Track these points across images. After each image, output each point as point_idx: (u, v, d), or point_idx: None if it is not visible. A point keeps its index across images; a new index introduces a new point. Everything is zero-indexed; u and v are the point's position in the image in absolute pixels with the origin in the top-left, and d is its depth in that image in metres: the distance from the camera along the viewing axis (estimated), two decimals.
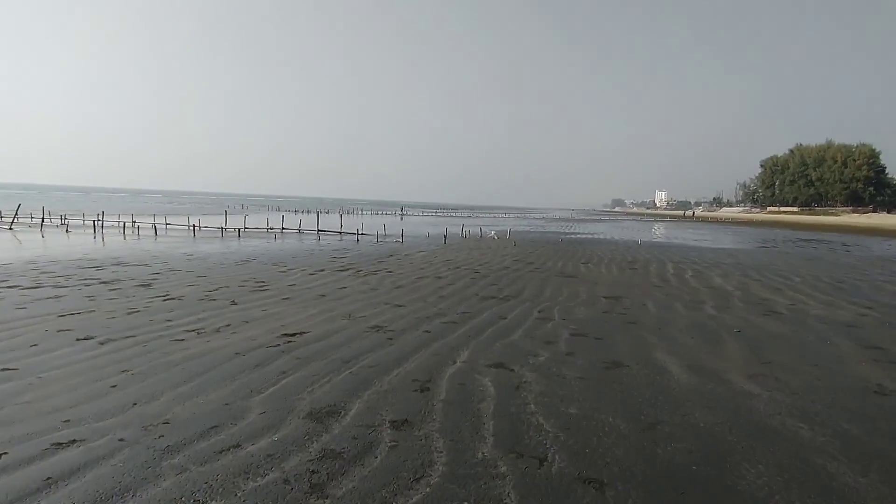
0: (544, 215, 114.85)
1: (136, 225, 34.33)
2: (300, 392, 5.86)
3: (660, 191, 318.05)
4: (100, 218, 33.53)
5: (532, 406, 5.58)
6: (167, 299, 11.06)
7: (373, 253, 22.06)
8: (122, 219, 37.13)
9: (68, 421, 5.03)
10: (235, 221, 38.65)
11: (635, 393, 6.08)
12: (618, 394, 6.04)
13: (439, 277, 15.05)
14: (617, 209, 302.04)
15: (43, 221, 34.37)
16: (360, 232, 33.44)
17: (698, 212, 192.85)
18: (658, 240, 37.55)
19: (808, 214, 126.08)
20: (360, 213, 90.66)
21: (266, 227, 36.99)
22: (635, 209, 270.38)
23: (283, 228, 35.86)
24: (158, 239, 27.99)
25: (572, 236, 39.39)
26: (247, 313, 9.89)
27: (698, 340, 8.66)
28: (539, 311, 10.69)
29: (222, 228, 32.51)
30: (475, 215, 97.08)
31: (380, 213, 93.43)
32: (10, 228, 32.15)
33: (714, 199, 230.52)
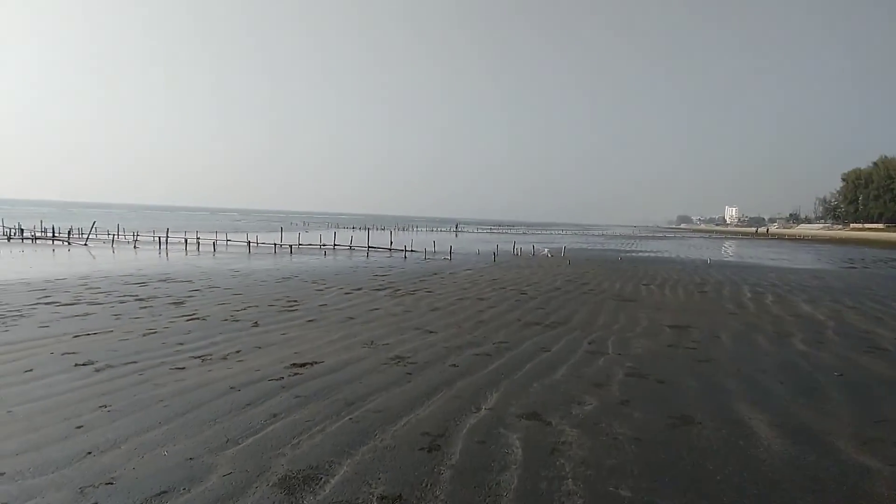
0: (604, 232, 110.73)
1: (198, 241, 35.30)
2: (282, 445, 4.79)
3: (730, 206, 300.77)
4: (166, 235, 34.76)
5: (570, 482, 4.22)
6: (191, 319, 10.47)
7: (417, 271, 21.10)
8: (188, 236, 38.43)
9: (2, 475, 4.19)
10: (291, 238, 39.05)
11: (711, 466, 4.58)
12: (687, 466, 4.56)
13: (481, 299, 13.79)
14: (683, 226, 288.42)
15: (114, 238, 36.05)
16: (407, 249, 32.71)
17: (772, 228, 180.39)
18: (730, 259, 34.46)
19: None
20: (414, 229, 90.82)
21: (319, 243, 37.06)
22: (703, 226, 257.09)
23: (335, 245, 35.76)
24: (216, 255, 28.42)
25: (633, 254, 36.94)
26: (264, 337, 9.06)
27: (790, 387, 6.92)
28: (589, 343, 9.21)
29: (275, 245, 32.73)
30: (531, 232, 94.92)
31: (435, 229, 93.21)
32: (85, 244, 33.94)
33: (790, 215, 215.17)
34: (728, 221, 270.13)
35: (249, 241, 32.98)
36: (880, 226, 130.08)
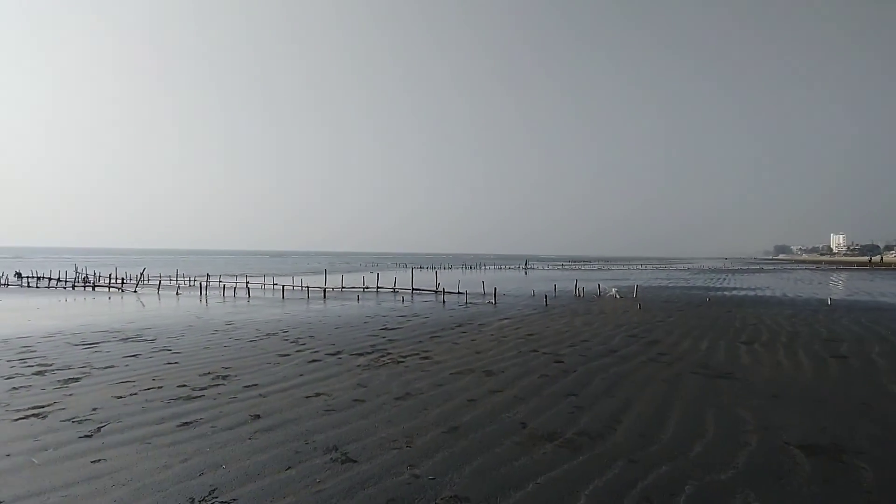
0: (689, 266, 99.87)
1: (234, 286, 33.44)
2: None
3: (835, 234, 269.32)
4: (206, 280, 33.24)
5: None
6: (38, 415, 6.91)
7: (440, 321, 16.80)
8: (229, 281, 36.94)
9: None
10: (334, 281, 36.27)
11: None
12: None
13: (490, 374, 9.23)
14: (781, 256, 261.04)
15: (160, 284, 35.18)
16: (453, 291, 28.54)
17: (890, 256, 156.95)
18: (857, 297, 26.87)
19: None
20: (482, 268, 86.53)
21: (362, 286, 33.93)
22: (805, 256, 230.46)
23: (377, 288, 32.43)
24: (247, 301, 25.99)
25: (725, 293, 30.19)
26: (58, 466, 5.20)
27: None
28: (643, 491, 4.47)
29: (308, 289, 29.83)
30: (607, 268, 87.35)
31: (503, 267, 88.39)
32: (135, 291, 33.08)
33: None
34: (835, 250, 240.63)
35: (283, 286, 30.31)
36: None
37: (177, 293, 31.22)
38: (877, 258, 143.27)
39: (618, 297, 25.86)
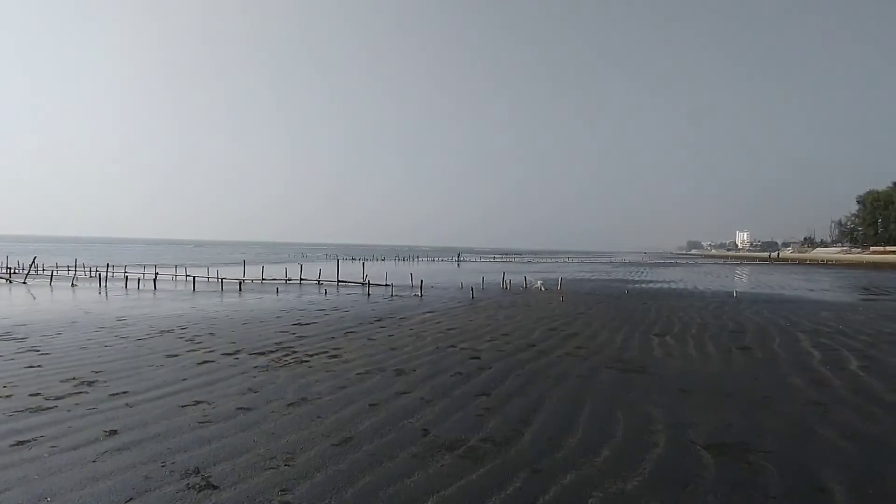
0: (612, 259, 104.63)
1: (140, 278, 30.69)
2: None
3: (741, 231, 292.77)
4: (107, 271, 30.23)
5: None
6: None
7: (360, 315, 15.95)
8: (134, 272, 33.92)
9: None
10: (256, 273, 34.20)
11: None
12: None
13: (399, 373, 8.55)
14: (694, 251, 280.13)
15: (52, 275, 31.69)
16: (380, 284, 27.68)
17: (787, 253, 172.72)
18: (759, 290, 28.72)
19: None
20: (415, 260, 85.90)
21: (284, 278, 32.21)
22: (714, 251, 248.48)
23: (301, 280, 30.90)
24: (157, 294, 23.78)
25: (642, 286, 31.38)
26: None
27: None
28: None
29: (223, 281, 27.83)
30: (537, 261, 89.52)
31: (437, 259, 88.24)
32: (24, 282, 29.53)
33: (805, 238, 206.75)
34: (740, 246, 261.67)
35: (195, 277, 28.09)
36: None
37: (72, 284, 28.17)
38: (774, 254, 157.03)
39: (543, 289, 26.07)
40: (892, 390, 7.69)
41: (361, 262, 37.03)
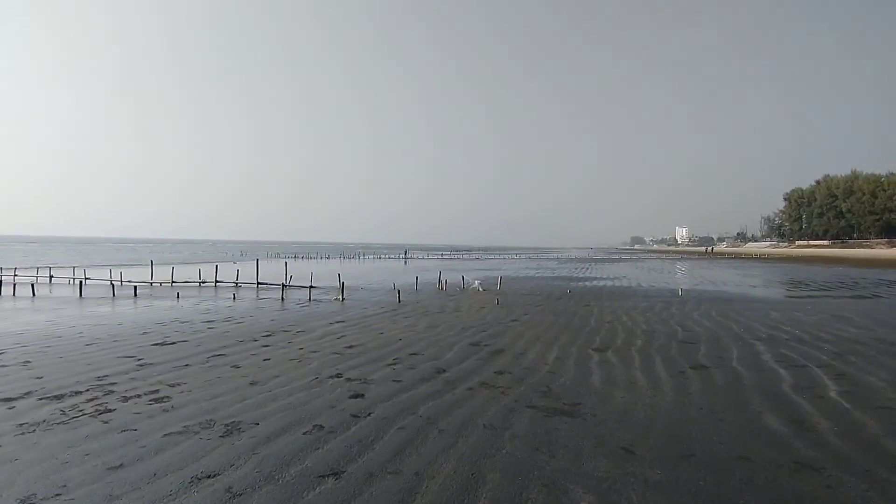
0: (559, 255, 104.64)
1: (12, 281, 26.33)
2: None
3: (680, 227, 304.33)
4: None
5: None
6: None
7: (252, 328, 13.05)
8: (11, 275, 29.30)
9: None
10: (163, 274, 30.27)
11: None
12: None
13: (232, 430, 5.85)
14: (637, 247, 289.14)
15: None
16: (291, 285, 24.66)
17: (721, 247, 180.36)
18: (703, 287, 27.61)
19: (840, 248, 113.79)
20: (361, 257, 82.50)
21: (199, 280, 28.55)
22: (655, 246, 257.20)
23: (217, 282, 27.40)
24: (34, 300, 20.05)
25: (586, 283, 29.78)
26: None
27: None
28: None
29: (112, 284, 23.98)
30: (484, 258, 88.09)
31: (383, 257, 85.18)
32: None
33: (738, 234, 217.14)
34: (679, 241, 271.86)
35: (82, 281, 24.05)
36: (825, 242, 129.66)
37: None
38: (710, 249, 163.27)
39: (480, 290, 23.83)
40: (892, 433, 5.71)
41: (285, 261, 33.48)
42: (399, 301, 19.26)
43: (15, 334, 12.29)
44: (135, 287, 23.34)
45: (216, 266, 30.70)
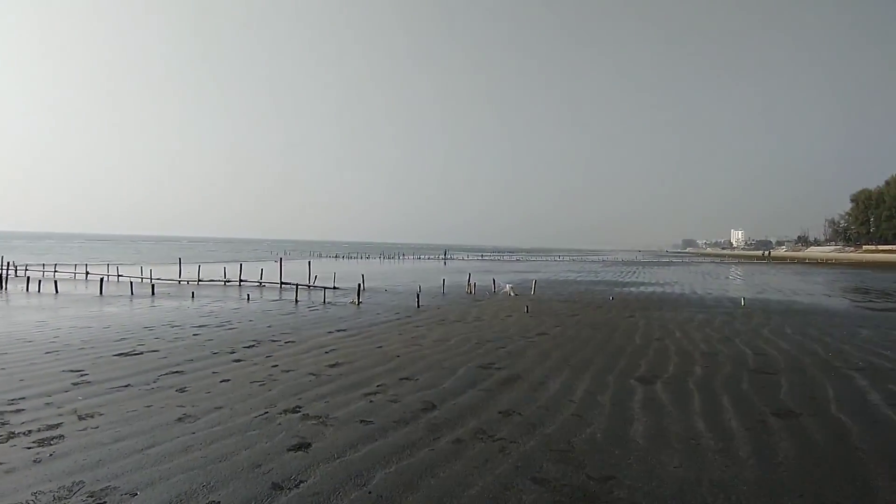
0: (604, 258, 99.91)
1: (39, 278, 26.22)
2: None
3: (735, 230, 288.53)
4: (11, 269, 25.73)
5: None
6: None
7: (242, 335, 11.41)
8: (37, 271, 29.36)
9: None
10: (192, 272, 29.57)
11: None
12: None
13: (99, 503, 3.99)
14: (689, 250, 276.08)
15: None
16: (300, 286, 23.13)
17: (781, 251, 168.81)
18: (768, 295, 24.17)
19: None
20: (400, 257, 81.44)
21: (223, 278, 27.70)
22: (709, 250, 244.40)
23: (241, 281, 26.39)
24: (57, 297, 19.60)
25: (632, 289, 26.85)
26: None
27: None
28: None
29: (132, 283, 23.26)
30: (524, 259, 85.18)
31: (422, 257, 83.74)
32: None
33: (799, 237, 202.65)
34: (735, 245, 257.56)
35: (102, 279, 23.44)
36: (895, 247, 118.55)
37: None
38: (767, 253, 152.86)
39: (512, 294, 21.53)
40: None
41: (308, 261, 32.05)
42: (418, 306, 17.29)
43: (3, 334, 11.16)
44: (152, 286, 22.50)
45: (241, 265, 29.76)
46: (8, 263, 27.41)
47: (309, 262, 29.69)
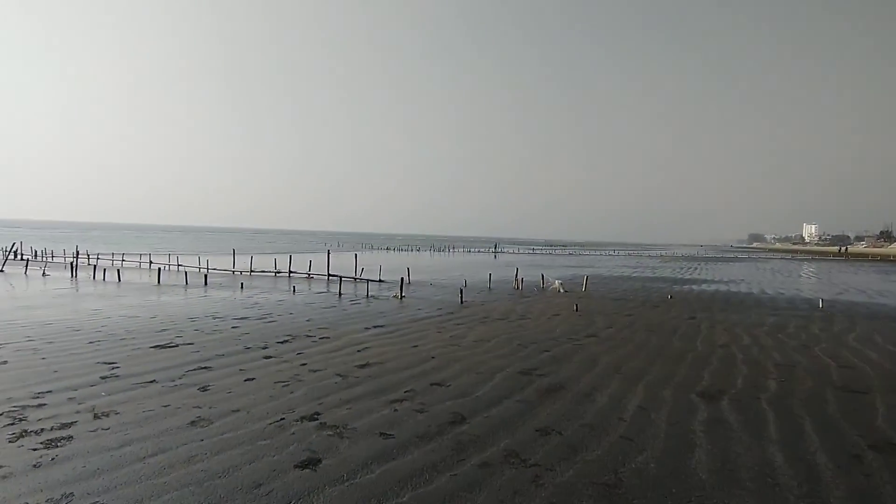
0: (663, 253, 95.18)
1: (99, 265, 27.56)
2: None
3: (808, 224, 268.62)
4: (75, 257, 27.33)
5: None
6: None
7: (278, 329, 11.22)
8: (129, 260, 30.91)
9: None
10: (246, 263, 30.27)
11: None
12: None
13: None
14: (755, 245, 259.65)
15: (28, 262, 29.22)
16: (370, 279, 22.92)
17: (860, 247, 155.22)
18: (850, 297, 21.78)
19: None
20: (450, 250, 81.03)
21: (274, 270, 28.16)
22: (778, 245, 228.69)
23: (290, 272, 26.73)
24: (120, 285, 20.53)
25: (693, 287, 24.99)
26: None
27: None
28: None
29: (186, 273, 23.99)
30: (579, 253, 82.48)
31: (472, 251, 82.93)
32: (1, 270, 27.17)
33: (882, 232, 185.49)
34: (807, 239, 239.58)
35: (160, 268, 24.33)
36: None
37: (43, 273, 25.33)
38: (845, 248, 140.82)
39: (561, 290, 20.48)
40: None
41: (355, 254, 31.87)
42: (461, 302, 16.66)
43: (43, 324, 11.53)
44: (205, 276, 23.09)
45: (290, 257, 30.16)
46: (79, 253, 29.15)
47: (356, 255, 29.67)
